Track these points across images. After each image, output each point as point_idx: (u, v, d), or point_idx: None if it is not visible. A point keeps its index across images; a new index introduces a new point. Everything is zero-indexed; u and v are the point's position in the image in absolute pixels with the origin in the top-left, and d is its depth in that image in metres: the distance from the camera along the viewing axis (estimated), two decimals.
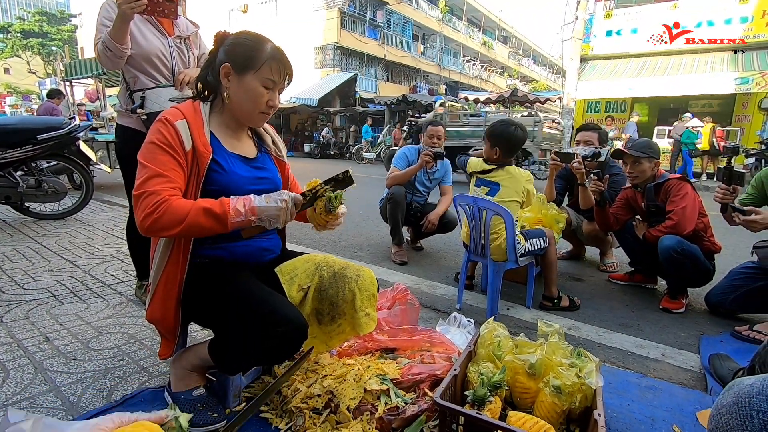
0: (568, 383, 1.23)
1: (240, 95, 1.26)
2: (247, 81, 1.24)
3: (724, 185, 2.17)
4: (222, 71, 1.25)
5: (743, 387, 0.54)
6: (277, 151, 1.49)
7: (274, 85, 1.26)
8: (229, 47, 1.26)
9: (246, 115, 1.31)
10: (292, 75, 1.30)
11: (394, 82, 24.49)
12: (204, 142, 1.24)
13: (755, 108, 11.17)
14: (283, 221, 1.20)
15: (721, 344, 2.00)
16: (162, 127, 1.20)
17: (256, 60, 1.22)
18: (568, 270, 3.20)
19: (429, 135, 3.32)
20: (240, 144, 1.38)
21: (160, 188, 1.13)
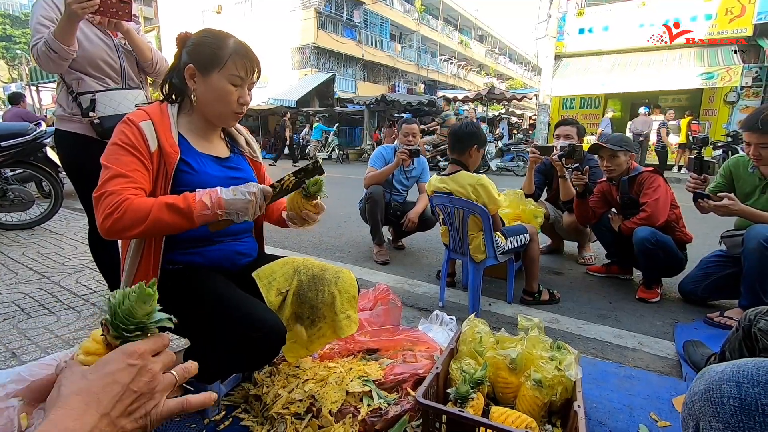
0: (549, 376, 1.24)
1: (208, 96, 1.23)
2: (213, 81, 1.21)
3: (695, 175, 2.23)
4: (187, 73, 1.22)
5: (714, 374, 0.55)
6: (252, 152, 1.46)
7: (241, 81, 1.23)
8: (191, 48, 1.23)
9: (217, 116, 1.28)
10: (260, 69, 1.28)
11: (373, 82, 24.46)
12: (171, 142, 1.21)
13: (721, 102, 11.57)
14: (252, 214, 1.16)
15: (694, 331, 2.06)
16: (125, 127, 1.17)
17: (220, 58, 1.20)
18: (548, 264, 3.24)
19: (404, 133, 3.32)
20: (211, 145, 1.35)
21: (121, 188, 1.10)
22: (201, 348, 1.20)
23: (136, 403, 0.50)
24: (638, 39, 12.24)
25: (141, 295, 0.54)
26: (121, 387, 0.49)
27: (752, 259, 2.03)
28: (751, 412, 0.49)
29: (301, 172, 1.20)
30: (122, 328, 0.54)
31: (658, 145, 10.49)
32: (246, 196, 1.12)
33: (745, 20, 10.82)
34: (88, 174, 1.91)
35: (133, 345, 0.53)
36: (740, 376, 0.52)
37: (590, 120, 13.05)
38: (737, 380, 0.52)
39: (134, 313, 0.54)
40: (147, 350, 0.53)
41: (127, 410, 0.49)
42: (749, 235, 2.05)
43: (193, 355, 1.20)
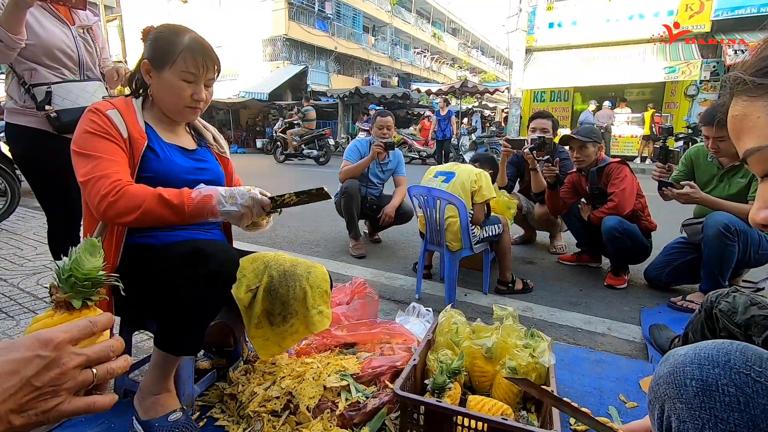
0: (523, 364, 1.27)
1: (161, 92, 1.22)
2: (165, 77, 1.20)
3: (660, 164, 2.33)
4: (143, 68, 1.21)
5: (678, 357, 0.57)
6: (219, 148, 1.44)
7: (194, 77, 1.20)
8: (148, 43, 1.22)
9: (172, 111, 1.26)
10: (219, 65, 1.25)
11: (347, 75, 24.23)
12: (139, 129, 1.20)
13: (682, 95, 12.07)
14: (244, 224, 1.16)
15: (659, 315, 2.15)
16: (93, 116, 1.15)
17: (171, 53, 1.18)
18: (521, 254, 3.31)
19: (378, 126, 3.30)
20: (177, 137, 1.33)
21: (111, 171, 1.08)
22: (162, 314, 1.15)
23: (35, 400, 0.43)
24: (605, 34, 12.59)
25: (88, 246, 0.54)
26: (19, 379, 0.42)
27: (711, 246, 2.13)
28: (712, 392, 0.51)
29: (305, 194, 1.15)
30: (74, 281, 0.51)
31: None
32: (241, 209, 1.12)
33: (704, 17, 11.29)
34: (44, 170, 1.81)
35: (52, 332, 0.45)
36: (701, 359, 0.54)
37: (560, 113, 13.35)
38: (699, 362, 0.54)
39: (82, 263, 0.52)
40: (66, 340, 0.46)
41: (20, 406, 0.42)
42: (708, 222, 2.15)
43: (159, 332, 1.17)
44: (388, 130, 3.29)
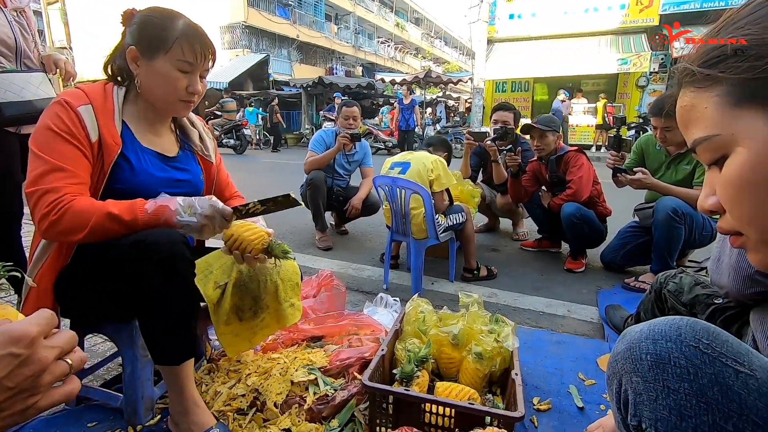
0: (488, 348, 1.30)
1: (152, 82, 1.10)
2: (157, 65, 1.08)
3: (614, 152, 2.44)
4: (129, 56, 1.09)
5: (634, 334, 0.59)
6: (204, 150, 1.32)
7: (191, 67, 1.10)
8: (134, 27, 1.09)
9: (163, 105, 1.15)
10: (215, 55, 1.15)
11: (309, 64, 23.76)
12: (113, 133, 1.07)
13: (633, 86, 12.66)
14: (205, 237, 1.08)
15: (614, 296, 2.26)
16: (61, 110, 1.02)
17: (165, 40, 1.06)
18: (485, 242, 3.39)
19: (344, 116, 3.26)
20: (158, 139, 1.21)
21: (60, 185, 0.97)
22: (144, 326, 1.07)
23: (9, 400, 0.39)
24: (563, 26, 12.97)
25: None
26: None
27: (661, 229, 2.25)
28: (665, 364, 0.54)
29: (270, 202, 1.06)
30: None
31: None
32: (201, 220, 1.02)
33: (653, 11, 11.85)
34: None
35: (23, 327, 0.40)
36: (655, 334, 0.57)
37: (521, 103, 13.70)
38: (653, 338, 0.56)
39: None
40: (39, 334, 0.41)
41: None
42: (658, 207, 2.28)
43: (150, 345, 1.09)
44: (354, 121, 3.25)
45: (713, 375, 0.52)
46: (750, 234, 0.45)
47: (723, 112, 0.42)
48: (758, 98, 0.40)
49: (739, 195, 0.43)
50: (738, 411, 0.50)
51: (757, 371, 0.53)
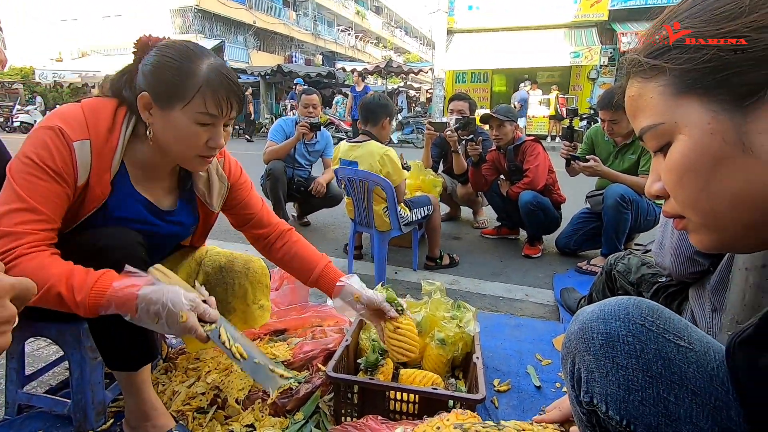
0: (451, 334, 1.33)
1: (167, 135, 0.94)
2: (173, 118, 0.91)
3: (567, 142, 2.54)
4: (140, 102, 0.92)
5: (586, 314, 0.62)
6: (207, 197, 1.14)
7: (213, 119, 0.93)
8: (149, 69, 0.91)
9: (179, 159, 1.00)
10: (241, 101, 0.98)
11: (268, 52, 23.04)
12: (104, 181, 0.93)
13: (585, 78, 13.20)
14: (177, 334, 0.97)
15: (568, 279, 2.37)
16: (52, 140, 0.86)
17: (185, 90, 0.90)
18: (447, 230, 3.45)
19: (304, 104, 3.18)
20: (156, 186, 1.06)
21: (25, 230, 0.82)
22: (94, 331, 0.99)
23: None
24: (519, 18, 13.27)
25: None
26: None
27: (610, 215, 2.38)
28: (614, 342, 0.57)
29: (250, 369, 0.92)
30: None
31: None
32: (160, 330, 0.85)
33: (602, 6, 12.36)
34: None
35: None
36: (606, 314, 0.60)
37: (480, 94, 13.95)
38: (604, 317, 0.59)
39: None
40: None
41: None
42: (607, 194, 2.41)
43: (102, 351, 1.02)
44: (314, 109, 3.18)
45: (657, 350, 0.55)
46: (691, 217, 0.47)
47: (667, 101, 0.44)
48: (698, 88, 0.42)
49: (680, 180, 0.45)
50: (679, 382, 0.54)
51: (695, 345, 0.57)
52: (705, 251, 0.66)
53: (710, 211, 0.44)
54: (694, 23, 0.41)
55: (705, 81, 0.41)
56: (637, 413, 0.54)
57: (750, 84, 0.39)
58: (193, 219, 1.17)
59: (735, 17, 0.39)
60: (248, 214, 1.24)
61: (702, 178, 0.43)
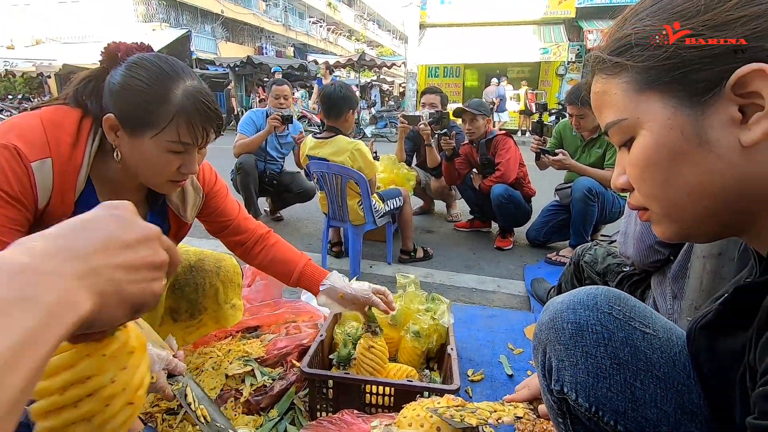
0: (425, 326, 1.34)
1: (134, 160, 0.87)
2: (142, 145, 0.83)
3: (537, 137, 2.60)
4: (105, 124, 0.83)
5: (556, 305, 0.64)
6: (180, 209, 1.07)
7: (186, 148, 0.86)
8: (117, 90, 0.82)
9: (148, 184, 0.93)
10: (218, 126, 0.90)
11: (237, 42, 22.41)
12: (68, 201, 0.85)
13: (554, 74, 13.52)
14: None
15: (538, 270, 2.44)
16: (7, 162, 0.76)
17: (156, 119, 0.81)
18: (421, 224, 3.47)
19: (274, 95, 3.11)
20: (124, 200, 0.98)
21: None
22: None
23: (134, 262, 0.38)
24: (491, 14, 13.42)
25: None
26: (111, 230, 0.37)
27: (577, 207, 2.46)
28: (584, 331, 0.59)
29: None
30: None
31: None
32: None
33: (570, 4, 12.66)
34: None
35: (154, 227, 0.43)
36: (575, 303, 0.61)
37: (452, 88, 14.06)
38: (573, 307, 0.61)
39: None
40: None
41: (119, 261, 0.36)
42: (575, 186, 2.48)
43: None
44: (285, 100, 3.12)
45: (624, 338, 0.57)
46: (654, 208, 0.49)
47: (629, 97, 0.45)
48: (658, 84, 0.43)
49: (643, 173, 0.47)
50: (645, 368, 0.56)
51: (659, 331, 0.60)
52: (668, 241, 0.69)
53: (671, 202, 0.46)
54: (654, 21, 0.43)
55: (664, 78, 0.42)
56: (605, 399, 0.56)
57: (706, 81, 0.40)
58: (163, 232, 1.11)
59: (691, 16, 0.40)
60: (224, 221, 1.20)
61: (663, 172, 0.45)
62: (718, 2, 0.39)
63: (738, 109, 0.40)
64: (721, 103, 0.40)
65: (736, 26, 0.38)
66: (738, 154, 0.40)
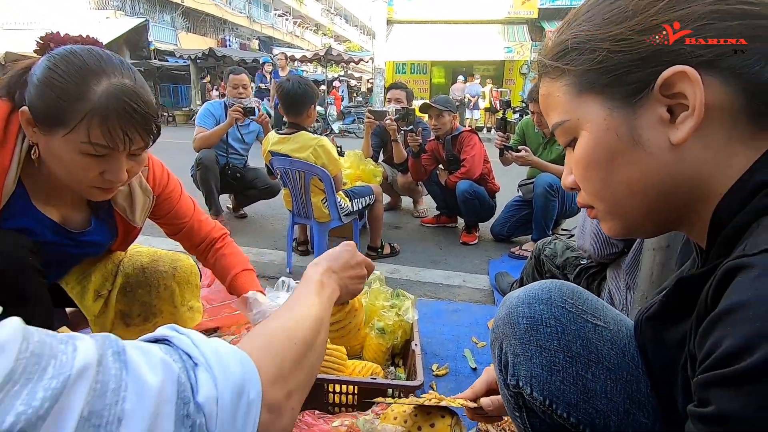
0: (390, 323, 1.33)
1: (51, 160, 0.80)
2: (55, 144, 0.76)
3: (501, 133, 2.65)
4: (21, 117, 0.77)
5: (512, 300, 0.64)
6: (128, 211, 1.01)
7: (106, 151, 0.77)
8: (34, 83, 0.75)
9: (72, 187, 0.85)
10: (153, 128, 0.82)
11: (199, 34, 21.62)
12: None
13: (517, 73, 13.87)
14: None
15: (502, 264, 2.49)
16: None
17: (66, 116, 0.74)
18: (388, 220, 3.46)
19: (233, 85, 2.97)
20: (64, 204, 0.92)
21: None
22: None
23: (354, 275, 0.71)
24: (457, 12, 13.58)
25: None
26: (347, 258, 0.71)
27: (539, 202, 2.53)
28: (538, 325, 0.59)
29: None
30: None
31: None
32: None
33: (532, 4, 13.01)
34: None
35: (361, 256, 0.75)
36: (530, 298, 0.62)
37: (420, 85, 14.17)
38: (528, 302, 0.61)
39: None
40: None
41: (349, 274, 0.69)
42: (537, 182, 2.55)
43: None
44: (244, 89, 2.99)
45: (577, 331, 0.58)
46: (598, 206, 0.50)
47: (570, 99, 0.47)
48: (595, 87, 0.45)
49: (585, 173, 0.49)
50: (596, 360, 0.57)
51: (610, 323, 0.61)
52: (615, 238, 0.71)
53: (612, 200, 0.48)
54: (589, 27, 0.44)
55: (600, 80, 0.44)
56: (559, 393, 0.57)
57: (637, 83, 0.42)
58: (109, 237, 1.04)
59: (621, 21, 0.42)
60: (179, 223, 1.15)
61: (602, 170, 0.46)
62: (644, 8, 0.41)
63: (667, 110, 0.41)
64: (651, 104, 0.42)
65: (658, 31, 0.40)
66: (668, 152, 0.42)
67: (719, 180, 0.41)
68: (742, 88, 0.39)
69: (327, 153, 2.15)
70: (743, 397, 0.30)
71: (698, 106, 0.39)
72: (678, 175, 0.42)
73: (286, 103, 2.17)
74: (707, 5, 0.38)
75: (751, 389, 0.30)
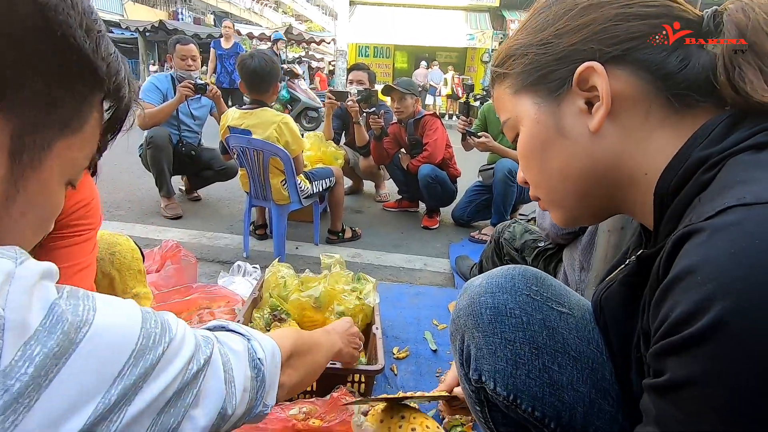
0: (350, 307, 1.31)
1: None
2: None
3: (463, 117, 2.66)
4: None
5: (474, 288, 0.62)
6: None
7: None
8: None
9: None
10: None
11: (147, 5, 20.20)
12: None
13: (479, 61, 14.02)
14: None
15: (462, 248, 2.52)
16: None
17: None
18: (350, 204, 3.42)
19: (180, 56, 2.73)
20: None
21: None
22: None
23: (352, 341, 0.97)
24: None
25: None
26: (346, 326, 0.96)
27: (498, 187, 2.57)
28: (502, 316, 0.57)
29: None
30: None
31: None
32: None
33: None
34: None
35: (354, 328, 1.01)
36: (493, 287, 0.59)
37: (383, 69, 14.03)
38: (491, 291, 0.59)
39: None
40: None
41: (349, 341, 0.94)
42: (497, 168, 2.59)
43: None
44: (192, 61, 2.77)
45: (542, 320, 0.57)
46: (542, 196, 0.54)
47: (510, 99, 0.53)
48: (527, 86, 0.50)
49: (526, 163, 0.53)
50: (561, 350, 0.56)
51: (574, 309, 0.60)
52: (562, 226, 0.72)
53: (549, 188, 0.52)
54: (524, 35, 0.51)
55: (530, 79, 0.50)
56: (524, 387, 0.55)
57: (558, 79, 0.47)
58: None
59: (545, 28, 0.48)
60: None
61: (537, 161, 0.51)
62: (562, 14, 0.47)
63: (586, 102, 0.46)
64: (571, 97, 0.47)
65: (571, 34, 0.46)
66: (588, 139, 0.47)
67: (641, 160, 0.45)
68: (650, 77, 0.43)
69: (291, 131, 2.07)
70: (694, 362, 0.30)
71: (605, 96, 0.44)
72: (602, 159, 0.47)
73: (251, 80, 2.07)
74: (613, 9, 0.44)
75: (701, 353, 0.30)
